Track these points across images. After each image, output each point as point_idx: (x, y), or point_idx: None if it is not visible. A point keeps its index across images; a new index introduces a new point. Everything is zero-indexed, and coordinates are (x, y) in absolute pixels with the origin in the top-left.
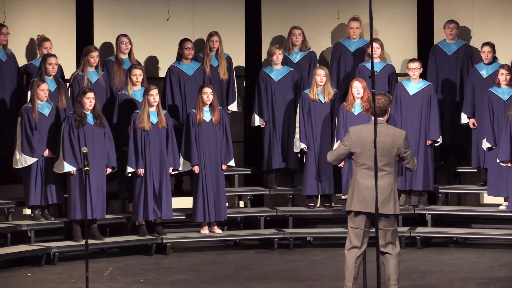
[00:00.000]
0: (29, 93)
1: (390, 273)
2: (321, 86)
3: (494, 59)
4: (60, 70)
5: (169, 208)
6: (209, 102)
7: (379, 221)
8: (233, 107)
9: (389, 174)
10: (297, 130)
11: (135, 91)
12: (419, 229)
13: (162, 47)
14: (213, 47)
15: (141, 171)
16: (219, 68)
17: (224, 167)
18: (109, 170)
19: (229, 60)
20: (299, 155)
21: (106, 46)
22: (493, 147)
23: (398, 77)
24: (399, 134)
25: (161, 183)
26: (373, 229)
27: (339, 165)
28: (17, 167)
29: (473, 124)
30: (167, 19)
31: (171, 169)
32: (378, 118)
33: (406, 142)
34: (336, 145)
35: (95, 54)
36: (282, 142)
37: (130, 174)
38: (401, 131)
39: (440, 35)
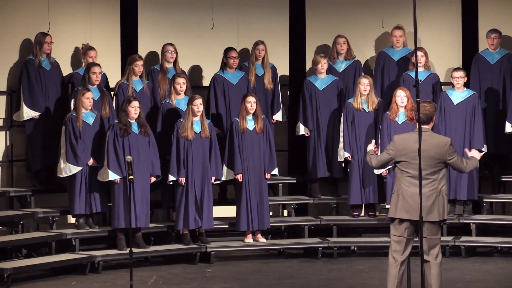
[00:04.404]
0: (72, 101)
1: (432, 283)
2: (365, 95)
3: None
4: (105, 79)
5: (210, 217)
6: (252, 111)
7: (423, 229)
8: (278, 116)
9: (435, 181)
10: (341, 139)
11: (179, 100)
12: (463, 238)
13: (206, 56)
14: (259, 56)
15: (182, 179)
16: (265, 77)
17: (267, 175)
18: (153, 179)
19: (274, 69)
20: (343, 164)
21: (151, 55)
22: None
23: (443, 86)
24: (443, 141)
25: (202, 192)
26: (417, 238)
27: (382, 174)
28: (61, 176)
29: None
30: (212, 28)
31: (213, 178)
32: (423, 126)
33: (451, 149)
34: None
35: (140, 63)
36: (326, 151)
37: (171, 183)
38: (446, 138)
39: (485, 44)
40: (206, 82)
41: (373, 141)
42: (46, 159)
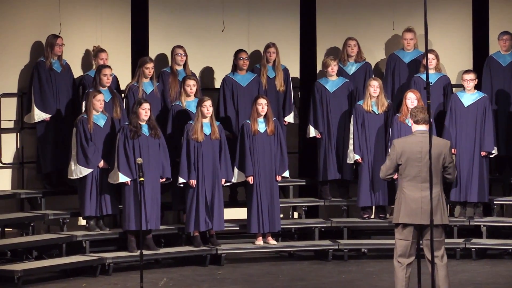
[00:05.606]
0: (83, 103)
1: (440, 284)
2: (374, 98)
3: None
4: (115, 81)
5: (221, 220)
6: (263, 113)
7: (427, 232)
8: (290, 118)
9: (436, 184)
10: (351, 141)
11: (189, 102)
12: (474, 240)
13: (217, 58)
14: (270, 58)
15: (193, 182)
16: (276, 79)
17: (278, 178)
18: (162, 180)
19: (286, 71)
20: (353, 166)
21: (161, 57)
22: None
23: (453, 88)
24: (443, 144)
25: (213, 194)
26: (422, 241)
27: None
28: (72, 178)
29: None
30: (222, 30)
31: (223, 180)
32: (422, 128)
33: (450, 152)
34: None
35: (150, 65)
36: (337, 153)
37: (182, 185)
38: (445, 141)
39: (495, 46)
40: (217, 84)
41: None
42: (57, 161)
